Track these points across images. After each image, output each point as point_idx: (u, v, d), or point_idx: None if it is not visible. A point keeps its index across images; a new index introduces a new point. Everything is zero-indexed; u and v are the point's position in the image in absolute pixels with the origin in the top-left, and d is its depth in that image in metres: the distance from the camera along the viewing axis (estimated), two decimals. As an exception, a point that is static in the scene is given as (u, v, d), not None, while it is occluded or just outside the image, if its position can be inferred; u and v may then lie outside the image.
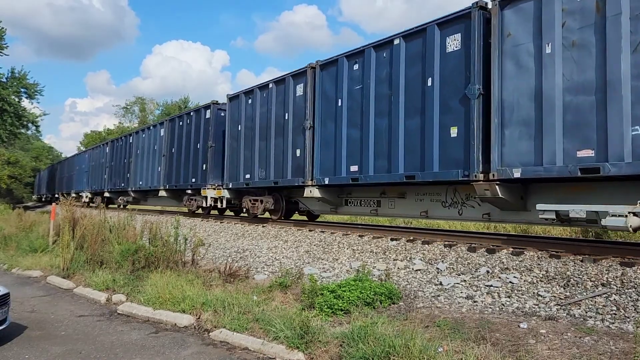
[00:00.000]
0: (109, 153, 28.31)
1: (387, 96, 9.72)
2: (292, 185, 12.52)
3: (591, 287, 5.95)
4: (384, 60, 9.94)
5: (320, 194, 11.67)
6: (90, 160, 32.31)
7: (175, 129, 19.65)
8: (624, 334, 4.67)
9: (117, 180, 26.23)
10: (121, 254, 8.85)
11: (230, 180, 15.20)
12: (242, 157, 14.55)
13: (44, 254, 11.06)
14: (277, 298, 6.53)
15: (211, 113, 16.80)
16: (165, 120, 20.83)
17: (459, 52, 8.51)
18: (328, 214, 14.22)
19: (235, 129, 15.14)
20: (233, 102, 15.43)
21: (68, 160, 42.08)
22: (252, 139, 14.05)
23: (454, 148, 8.42)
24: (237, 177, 14.81)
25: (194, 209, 18.09)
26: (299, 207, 13.95)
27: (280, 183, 12.83)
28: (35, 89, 32.33)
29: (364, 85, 10.26)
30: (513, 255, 7.43)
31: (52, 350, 5.13)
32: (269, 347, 4.96)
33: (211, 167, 16.28)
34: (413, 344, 4.18)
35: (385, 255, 8.70)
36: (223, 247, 11.45)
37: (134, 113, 66.88)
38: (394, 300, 6.21)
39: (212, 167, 16.27)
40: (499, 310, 5.76)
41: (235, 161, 14.93)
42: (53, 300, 7.53)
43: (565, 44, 7.06)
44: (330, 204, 12.26)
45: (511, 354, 4.22)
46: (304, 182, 11.82)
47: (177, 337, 5.59)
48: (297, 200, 13.66)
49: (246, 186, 14.35)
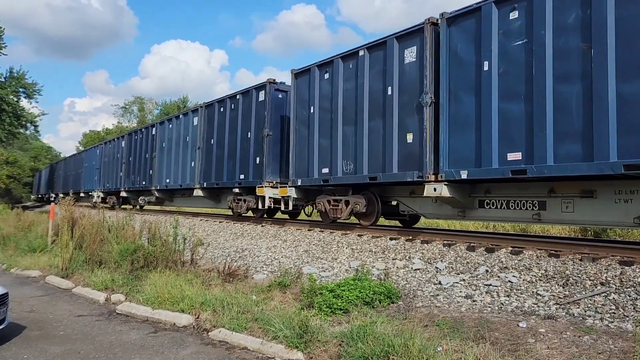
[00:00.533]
0: (125, 147, 25.08)
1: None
2: (398, 181, 9.63)
3: (590, 286, 5.95)
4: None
5: (450, 192, 8.68)
6: (102, 156, 29.03)
7: (214, 116, 16.51)
8: (623, 333, 4.67)
9: (137, 177, 23.03)
10: (120, 254, 8.84)
11: (299, 175, 12.25)
12: (317, 147, 11.64)
13: (42, 254, 11.04)
14: (276, 297, 6.52)
15: (266, 94, 13.74)
16: (201, 107, 17.56)
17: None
18: (449, 220, 11.51)
19: (304, 112, 12.19)
20: (300, 78, 12.47)
21: (75, 156, 38.66)
22: (332, 123, 11.17)
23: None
24: (308, 171, 11.88)
25: (242, 211, 14.97)
26: (398, 210, 10.81)
27: (380, 179, 9.77)
28: (34, 89, 32.27)
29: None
30: (512, 254, 7.43)
31: (51, 350, 5.12)
32: (268, 347, 4.95)
33: (268, 160, 13.46)
34: (412, 343, 4.18)
35: (384, 255, 8.70)
36: (222, 247, 11.45)
37: (132, 113, 66.86)
38: (393, 300, 6.21)
39: (270, 160, 13.50)
40: (498, 309, 5.76)
41: (306, 152, 12.00)
42: (52, 300, 7.52)
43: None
44: (458, 205, 9.18)
45: (510, 353, 4.22)
46: (421, 177, 8.93)
47: (176, 336, 5.59)
48: (398, 201, 10.67)
49: (323, 183, 11.36)
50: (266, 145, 13.60)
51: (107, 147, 28.53)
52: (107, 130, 63.77)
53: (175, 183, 19.12)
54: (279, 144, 13.76)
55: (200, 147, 17.26)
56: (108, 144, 28.73)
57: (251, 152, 14.27)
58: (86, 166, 32.74)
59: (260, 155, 13.78)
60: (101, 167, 28.96)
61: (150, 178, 21.61)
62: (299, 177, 12.27)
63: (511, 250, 7.59)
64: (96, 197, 28.48)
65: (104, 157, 28.68)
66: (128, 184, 24.30)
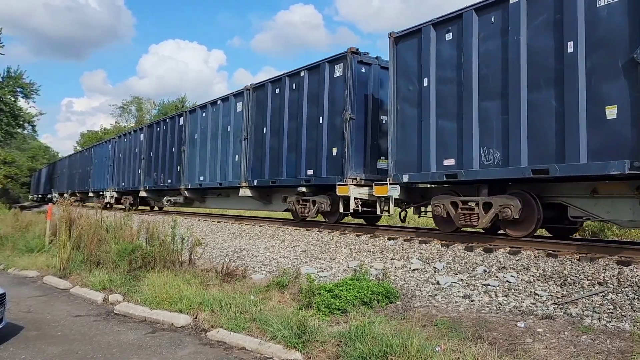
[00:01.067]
0: (145, 141, 22.04)
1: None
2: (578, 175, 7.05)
3: (588, 286, 5.96)
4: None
5: None
6: (116, 151, 26.03)
7: (265, 100, 13.60)
8: (621, 333, 4.68)
9: (161, 175, 20.06)
10: (118, 254, 8.82)
11: (403, 170, 9.51)
12: (433, 132, 8.98)
13: (40, 254, 11.02)
14: (274, 298, 6.52)
15: (346, 68, 11.04)
16: (247, 89, 14.46)
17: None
18: None
19: (410, 87, 9.51)
20: (405, 43, 9.70)
21: (82, 153, 35.12)
22: (459, 98, 8.52)
23: None
24: (418, 164, 9.19)
25: (311, 214, 11.99)
26: (567, 215, 7.85)
27: (556, 172, 7.09)
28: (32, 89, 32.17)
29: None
30: (510, 254, 7.44)
31: (49, 350, 5.11)
32: (266, 347, 4.95)
33: (351, 152, 10.79)
34: (411, 343, 4.18)
35: (383, 255, 8.70)
36: (220, 247, 11.44)
37: (130, 112, 66.79)
38: (391, 300, 6.21)
39: (353, 152, 10.83)
40: (496, 309, 5.76)
41: (415, 139, 9.33)
42: (50, 300, 7.50)
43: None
44: None
45: (508, 353, 4.23)
46: None
47: (174, 337, 5.58)
48: (567, 204, 7.86)
49: (447, 179, 8.71)
50: (348, 133, 10.85)
51: (122, 141, 25.43)
52: (105, 130, 63.65)
53: (213, 181, 16.13)
54: (362, 131, 11.18)
55: (247, 138, 14.34)
56: (123, 137, 25.66)
57: (323, 141, 11.53)
58: (96, 163, 29.95)
59: (339, 146, 11.07)
60: (115, 163, 25.99)
61: (177, 175, 18.63)
62: (403, 172, 9.54)
63: (509, 250, 7.60)
64: (109, 197, 25.95)
65: (118, 153, 25.71)
66: (148, 183, 21.37)
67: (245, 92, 14.62)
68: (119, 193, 25.47)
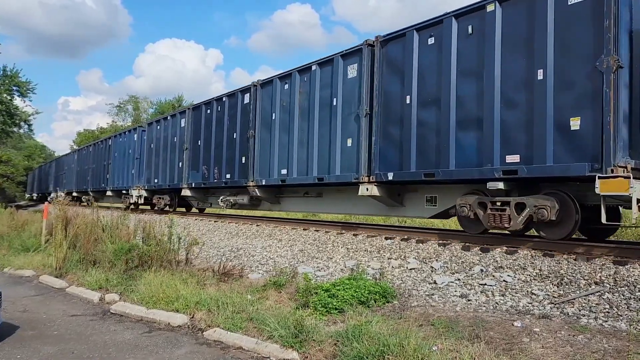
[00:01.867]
0: (189, 127, 17.88)
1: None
2: None
3: (584, 285, 5.97)
4: None
5: None
6: (145, 142, 21.81)
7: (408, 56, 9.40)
8: (617, 332, 4.69)
9: (215, 169, 15.85)
10: (114, 253, 8.80)
11: None
12: None
13: (36, 254, 10.98)
14: (271, 297, 6.51)
15: None
16: (367, 45, 10.35)
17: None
18: None
19: None
20: None
21: (96, 146, 30.05)
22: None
23: None
24: None
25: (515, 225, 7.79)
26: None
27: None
28: (28, 87, 32.14)
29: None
30: (507, 254, 7.45)
31: (45, 350, 5.09)
32: (263, 346, 4.94)
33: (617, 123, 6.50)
34: (407, 342, 4.18)
35: (380, 254, 8.70)
36: (217, 246, 11.42)
37: (127, 112, 66.65)
38: (388, 299, 6.21)
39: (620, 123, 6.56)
40: (493, 308, 5.77)
41: None
42: (45, 300, 7.47)
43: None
44: None
45: (505, 352, 4.23)
46: None
47: (171, 336, 5.56)
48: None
49: None
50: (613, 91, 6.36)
51: (154, 129, 21.24)
52: (102, 129, 63.51)
53: (306, 175, 11.93)
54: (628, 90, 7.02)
55: (370, 113, 10.24)
56: (155, 124, 21.34)
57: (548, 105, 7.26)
58: (116, 157, 25.53)
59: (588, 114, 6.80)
60: (143, 156, 21.83)
61: (242, 169, 14.38)
62: None
63: (506, 250, 7.61)
64: (135, 197, 21.96)
65: (149, 143, 21.39)
66: (195, 179, 17.18)
67: (364, 48, 10.42)
68: (149, 192, 21.49)
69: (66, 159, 39.11)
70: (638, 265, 6.12)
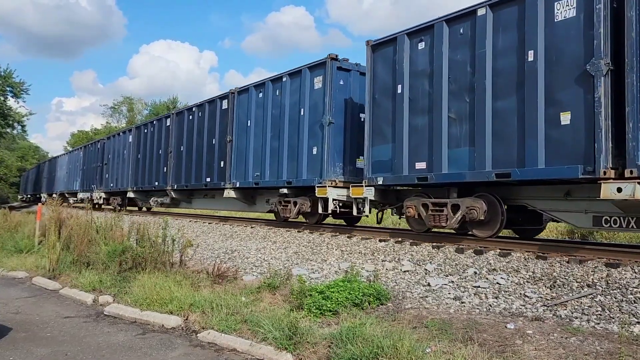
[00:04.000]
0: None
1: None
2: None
3: (577, 288, 6.01)
4: None
5: None
6: (175, 132, 18.94)
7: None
8: (609, 334, 4.72)
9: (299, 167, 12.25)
10: (108, 255, 8.76)
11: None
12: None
13: (29, 255, 10.92)
14: (265, 299, 6.51)
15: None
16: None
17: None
18: None
19: None
20: None
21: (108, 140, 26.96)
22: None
23: None
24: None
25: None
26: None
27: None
28: (21, 88, 31.90)
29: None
30: (500, 256, 7.49)
31: (37, 352, 5.07)
32: (257, 348, 4.94)
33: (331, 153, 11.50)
34: (401, 344, 4.19)
35: (374, 257, 8.72)
36: (211, 248, 11.40)
37: (121, 113, 66.44)
38: (382, 301, 6.22)
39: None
40: (486, 311, 5.80)
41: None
42: (38, 302, 7.44)
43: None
44: None
45: (498, 354, 4.25)
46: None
47: (165, 338, 5.55)
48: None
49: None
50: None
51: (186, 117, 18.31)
52: (96, 131, 63.27)
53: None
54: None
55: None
56: (185, 113, 18.43)
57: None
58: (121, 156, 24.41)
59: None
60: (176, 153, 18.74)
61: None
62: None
63: (499, 252, 7.65)
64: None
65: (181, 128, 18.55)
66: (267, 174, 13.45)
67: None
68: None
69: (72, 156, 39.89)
70: (630, 268, 6.17)
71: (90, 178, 28.58)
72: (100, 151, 27.44)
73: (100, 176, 26.57)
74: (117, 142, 25.10)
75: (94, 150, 28.62)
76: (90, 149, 30.00)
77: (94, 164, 27.67)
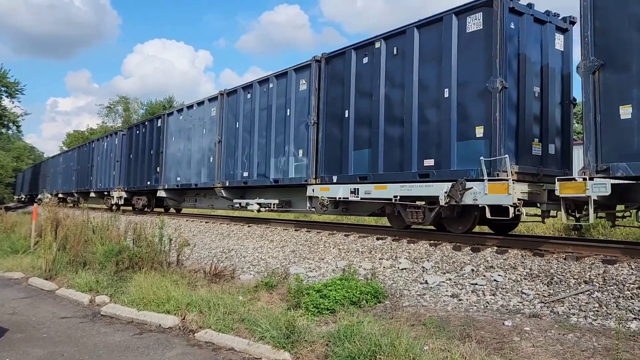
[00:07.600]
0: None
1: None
2: None
3: (574, 284, 6.02)
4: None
5: None
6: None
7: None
8: (606, 331, 4.73)
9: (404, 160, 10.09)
10: (104, 255, 8.74)
11: None
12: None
13: (25, 255, 10.88)
14: (263, 298, 6.50)
15: None
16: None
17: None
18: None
19: None
20: None
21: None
22: None
23: None
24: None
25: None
26: None
27: None
28: (16, 88, 31.81)
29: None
30: (497, 253, 7.49)
31: (34, 352, 5.04)
32: (254, 347, 4.93)
33: None
34: (399, 342, 4.19)
35: (371, 255, 8.71)
36: (208, 247, 11.38)
37: (117, 112, 66.18)
38: (379, 299, 6.23)
39: None
40: (483, 308, 5.80)
41: None
42: (35, 302, 7.40)
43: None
44: None
45: (496, 351, 4.25)
46: None
47: (162, 338, 5.54)
48: None
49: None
50: None
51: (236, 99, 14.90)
52: (92, 130, 63.06)
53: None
54: None
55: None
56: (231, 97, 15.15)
57: None
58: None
59: None
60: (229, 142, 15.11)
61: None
62: None
63: (496, 250, 7.66)
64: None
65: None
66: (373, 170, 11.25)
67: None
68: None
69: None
70: (627, 265, 6.18)
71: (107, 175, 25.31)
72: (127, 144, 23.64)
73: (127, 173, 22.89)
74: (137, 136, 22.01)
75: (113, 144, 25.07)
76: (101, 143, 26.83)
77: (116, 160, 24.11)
